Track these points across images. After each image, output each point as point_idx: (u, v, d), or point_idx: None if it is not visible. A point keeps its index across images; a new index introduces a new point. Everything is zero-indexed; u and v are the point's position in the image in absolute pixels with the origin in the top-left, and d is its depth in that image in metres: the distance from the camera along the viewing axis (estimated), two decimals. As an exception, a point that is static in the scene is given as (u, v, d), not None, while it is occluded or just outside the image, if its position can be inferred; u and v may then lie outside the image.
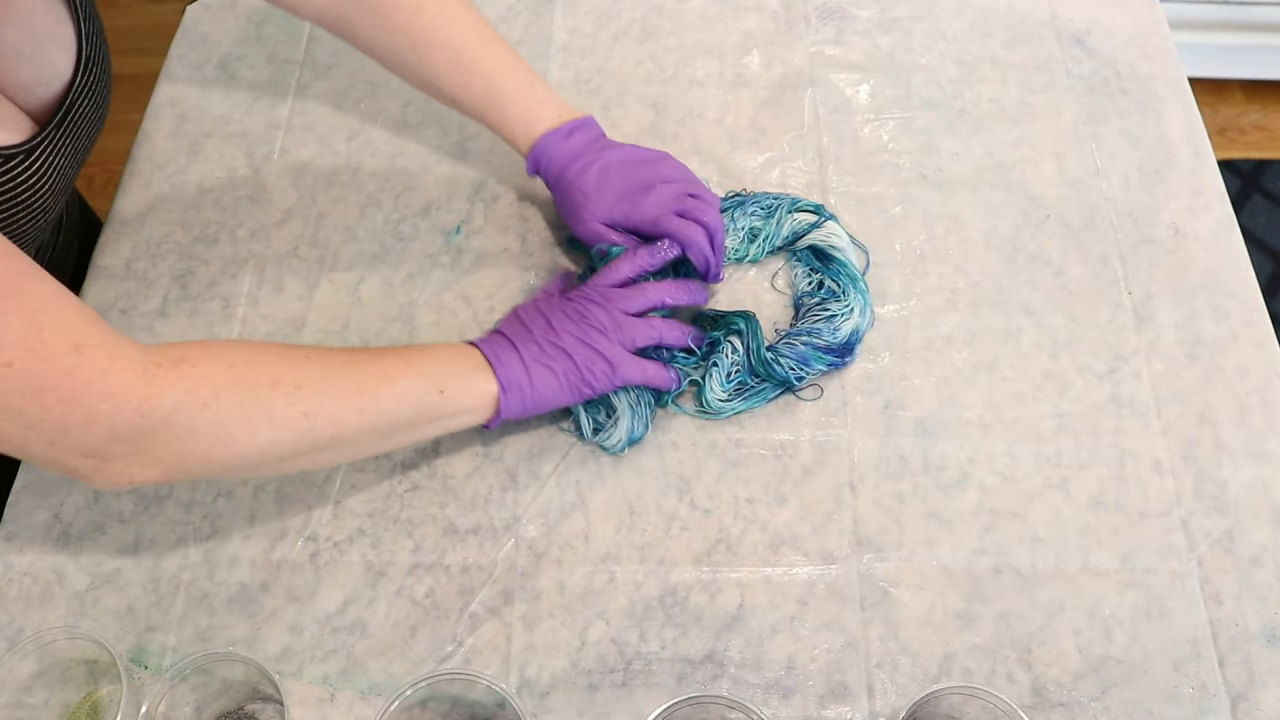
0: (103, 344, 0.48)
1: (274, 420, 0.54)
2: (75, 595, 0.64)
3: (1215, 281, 0.74)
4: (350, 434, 0.57)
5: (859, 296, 0.71)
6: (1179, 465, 0.67)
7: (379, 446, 0.61)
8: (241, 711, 0.61)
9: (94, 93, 0.65)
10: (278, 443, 0.54)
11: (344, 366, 0.57)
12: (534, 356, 0.62)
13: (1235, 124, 1.82)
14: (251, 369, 0.54)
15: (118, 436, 0.49)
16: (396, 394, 0.58)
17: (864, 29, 0.87)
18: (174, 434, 0.50)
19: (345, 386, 0.57)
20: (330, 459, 0.59)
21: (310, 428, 0.55)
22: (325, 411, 0.55)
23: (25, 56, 0.60)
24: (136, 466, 0.51)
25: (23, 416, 0.46)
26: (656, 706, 0.56)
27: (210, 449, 0.52)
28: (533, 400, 0.62)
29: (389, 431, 0.59)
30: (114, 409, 0.48)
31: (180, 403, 0.50)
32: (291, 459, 0.56)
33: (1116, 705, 0.60)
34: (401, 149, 0.81)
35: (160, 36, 0.69)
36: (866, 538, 0.65)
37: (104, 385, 0.48)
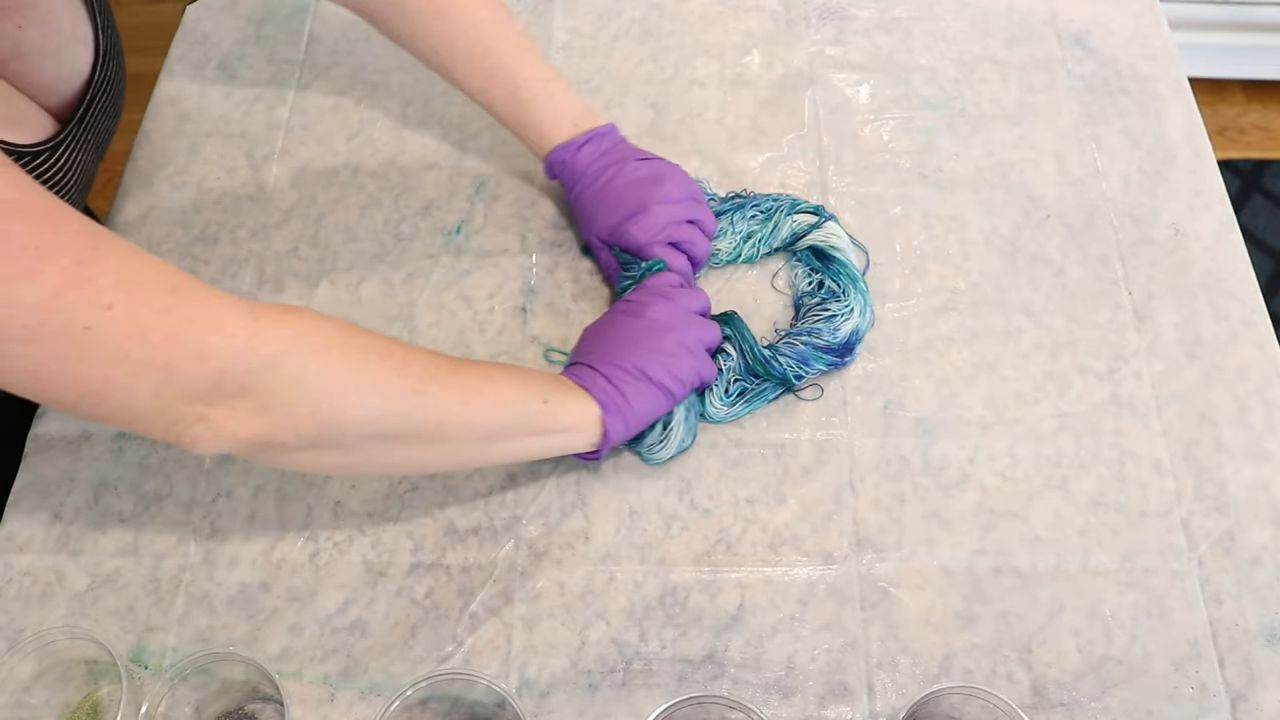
0: (198, 287, 0.46)
1: (385, 387, 0.51)
2: (75, 595, 0.64)
3: (1215, 281, 0.74)
4: (454, 427, 0.54)
5: (859, 297, 0.71)
6: (1179, 465, 0.67)
7: (476, 454, 0.58)
8: (241, 711, 0.61)
9: (111, 87, 0.66)
10: (386, 414, 0.52)
11: (446, 360, 0.56)
12: (619, 374, 0.61)
13: (1235, 124, 1.82)
14: (361, 335, 0.52)
15: (227, 373, 0.46)
16: (500, 394, 0.56)
17: (864, 29, 0.87)
18: (284, 376, 0.48)
19: (450, 377, 0.55)
20: (426, 458, 0.56)
21: (419, 406, 0.52)
22: (434, 393, 0.53)
23: (48, 56, 0.61)
24: (243, 414, 0.48)
25: (129, 360, 0.44)
26: (656, 706, 0.56)
27: (319, 403, 0.49)
28: (634, 416, 0.61)
29: (490, 435, 0.57)
30: (222, 341, 0.46)
31: (289, 345, 0.48)
32: (394, 442, 0.53)
33: (1116, 705, 0.60)
34: (401, 149, 0.81)
35: (160, 36, 0.69)
36: (866, 538, 0.65)
37: (209, 319, 0.46)
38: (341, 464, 0.54)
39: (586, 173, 0.70)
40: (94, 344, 0.42)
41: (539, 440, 0.59)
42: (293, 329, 0.48)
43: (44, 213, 0.42)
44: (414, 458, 0.55)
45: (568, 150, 0.70)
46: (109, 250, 0.44)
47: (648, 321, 0.64)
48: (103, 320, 0.42)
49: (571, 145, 0.70)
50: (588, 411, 0.60)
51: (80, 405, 0.45)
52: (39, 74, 0.61)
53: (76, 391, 0.44)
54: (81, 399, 0.44)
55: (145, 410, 0.46)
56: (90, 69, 0.63)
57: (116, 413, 0.46)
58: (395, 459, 0.55)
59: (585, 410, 0.59)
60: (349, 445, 0.52)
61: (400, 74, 0.85)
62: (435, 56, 0.69)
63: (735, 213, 0.74)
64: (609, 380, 0.61)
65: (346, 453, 0.53)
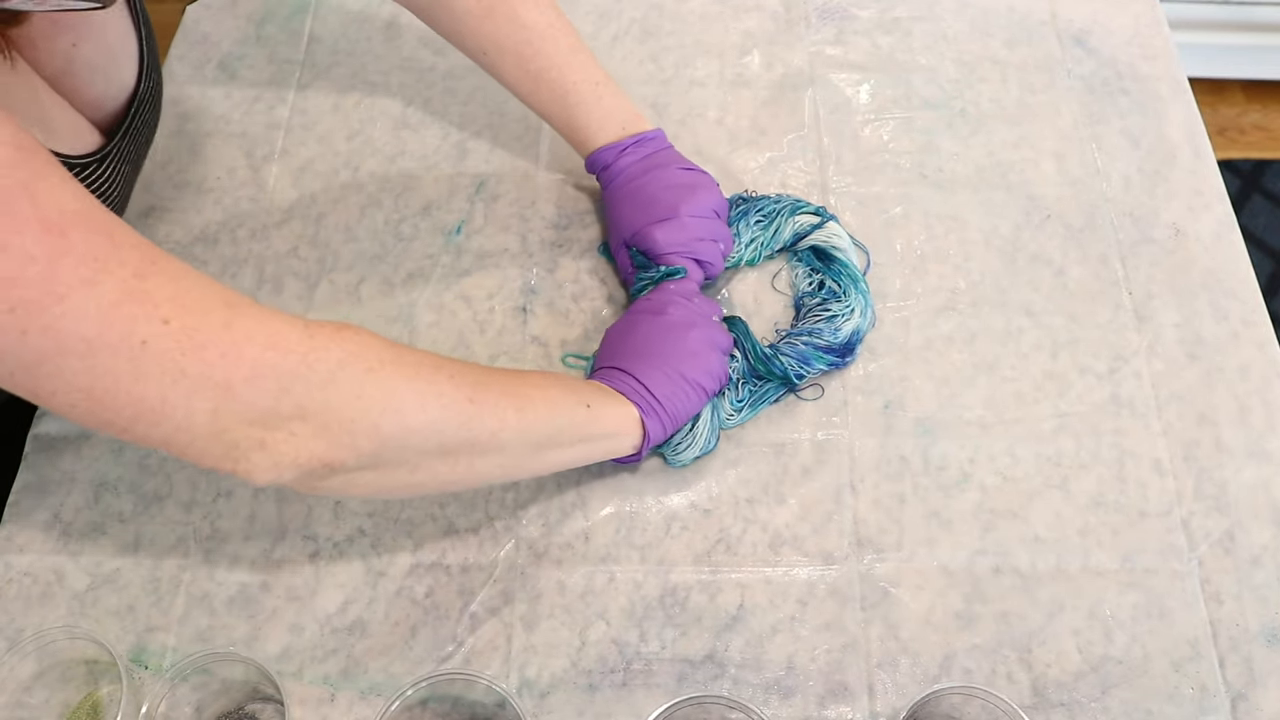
0: (252, 303, 0.46)
1: (441, 398, 0.51)
2: (75, 595, 0.64)
3: (1215, 281, 0.74)
4: (509, 435, 0.54)
5: (860, 297, 0.71)
6: (1179, 465, 0.67)
7: (529, 463, 0.58)
8: (241, 711, 0.61)
9: (153, 99, 0.66)
10: (444, 426, 0.51)
11: (492, 370, 0.56)
12: (652, 374, 0.62)
13: (1235, 124, 1.82)
14: (411, 351, 0.52)
15: (285, 391, 0.45)
16: (547, 401, 0.57)
17: (864, 29, 0.87)
18: (342, 392, 0.47)
19: (500, 385, 0.55)
20: (484, 469, 0.55)
21: (475, 415, 0.52)
22: (488, 402, 0.53)
23: (98, 71, 0.61)
24: (303, 438, 0.46)
25: (186, 376, 0.42)
26: (656, 706, 0.56)
27: (379, 417, 0.48)
28: (670, 416, 0.62)
29: (541, 443, 0.57)
30: (279, 358, 0.45)
31: (345, 360, 0.47)
32: (453, 455, 0.53)
33: (1116, 705, 0.60)
34: (401, 149, 0.81)
35: (160, 36, 0.69)
36: (866, 538, 0.65)
37: (265, 335, 0.45)
38: (406, 483, 0.53)
39: (624, 172, 0.70)
40: (150, 359, 0.42)
41: (585, 447, 0.59)
42: (347, 346, 0.48)
43: (102, 225, 0.41)
44: (473, 470, 0.55)
45: (610, 152, 0.70)
46: (164, 265, 0.43)
47: (671, 321, 0.64)
48: (160, 334, 0.42)
49: (615, 147, 0.70)
50: (627, 415, 0.60)
51: (136, 426, 0.44)
52: (90, 89, 0.61)
53: (132, 411, 0.43)
54: (137, 419, 0.43)
55: (201, 433, 0.45)
56: (135, 83, 0.64)
57: (173, 435, 0.44)
58: (456, 473, 0.54)
59: (625, 414, 0.60)
60: (411, 462, 0.51)
61: (400, 74, 0.85)
62: (483, 56, 0.69)
63: (740, 221, 0.74)
64: (641, 382, 0.61)
65: (411, 470, 0.52)
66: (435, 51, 0.86)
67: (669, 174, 0.70)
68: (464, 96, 0.84)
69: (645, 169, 0.70)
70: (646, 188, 0.70)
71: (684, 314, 0.65)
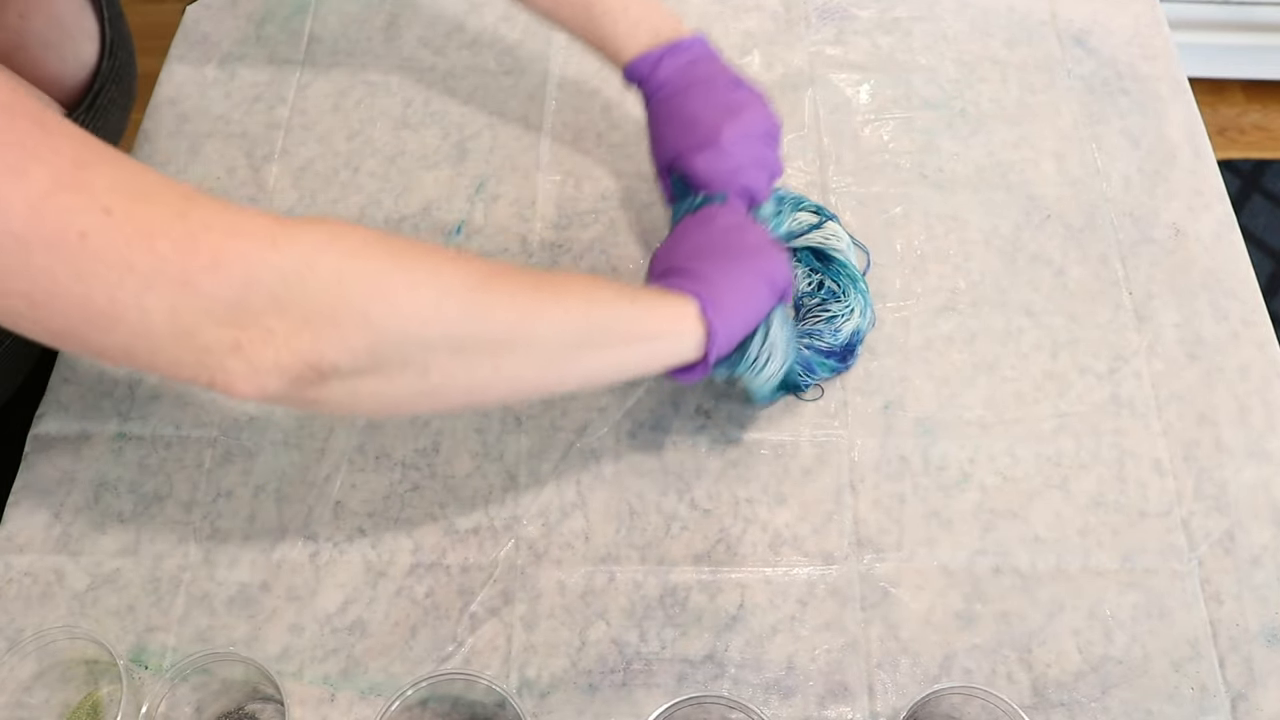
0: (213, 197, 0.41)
1: (440, 279, 0.45)
2: (75, 595, 0.64)
3: (1215, 281, 0.74)
4: (533, 330, 0.47)
5: (859, 297, 0.71)
6: (1179, 465, 0.67)
7: (566, 367, 0.50)
8: (241, 711, 0.61)
9: (119, 78, 0.66)
10: (445, 310, 0.45)
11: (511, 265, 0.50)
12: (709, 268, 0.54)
13: (1235, 124, 1.82)
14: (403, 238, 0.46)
15: (253, 281, 0.40)
16: (582, 294, 0.50)
17: (864, 29, 0.87)
18: (320, 278, 0.41)
19: (518, 275, 0.48)
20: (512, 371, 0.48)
21: (486, 304, 0.46)
22: (503, 290, 0.46)
23: (52, 47, 0.61)
24: (282, 333, 0.41)
25: (135, 272, 0.38)
26: (656, 706, 0.56)
27: (367, 302, 0.42)
28: (737, 313, 0.54)
29: (578, 341, 0.49)
30: (243, 245, 0.40)
31: (322, 244, 0.42)
32: (468, 351, 0.46)
33: (1116, 705, 0.60)
34: (401, 149, 0.81)
35: (160, 36, 0.69)
36: (866, 538, 0.65)
37: (226, 222, 0.40)
38: (419, 390, 0.46)
39: (665, 86, 0.64)
40: (91, 255, 0.37)
41: (637, 348, 0.52)
42: (322, 231, 0.42)
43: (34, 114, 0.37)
44: (500, 373, 0.47)
45: (645, 63, 0.64)
46: (109, 155, 0.39)
47: (724, 223, 0.59)
48: (101, 226, 0.37)
49: (649, 58, 0.64)
50: (685, 311, 0.53)
51: (89, 334, 0.39)
52: (45, 65, 0.61)
53: (81, 315, 0.38)
54: (89, 324, 0.38)
55: (164, 338, 0.40)
56: (96, 60, 0.63)
57: (132, 343, 0.39)
58: (478, 376, 0.47)
59: (682, 310, 0.53)
60: (418, 361, 0.45)
61: (400, 74, 0.85)
62: None
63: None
64: (699, 276, 0.54)
65: (421, 373, 0.45)
66: (435, 51, 0.86)
67: (712, 92, 0.64)
68: (464, 96, 0.84)
69: (686, 83, 0.64)
70: (687, 106, 0.63)
71: (736, 218, 0.59)
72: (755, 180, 0.64)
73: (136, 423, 0.70)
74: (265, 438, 0.69)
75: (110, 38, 0.64)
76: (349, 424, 0.69)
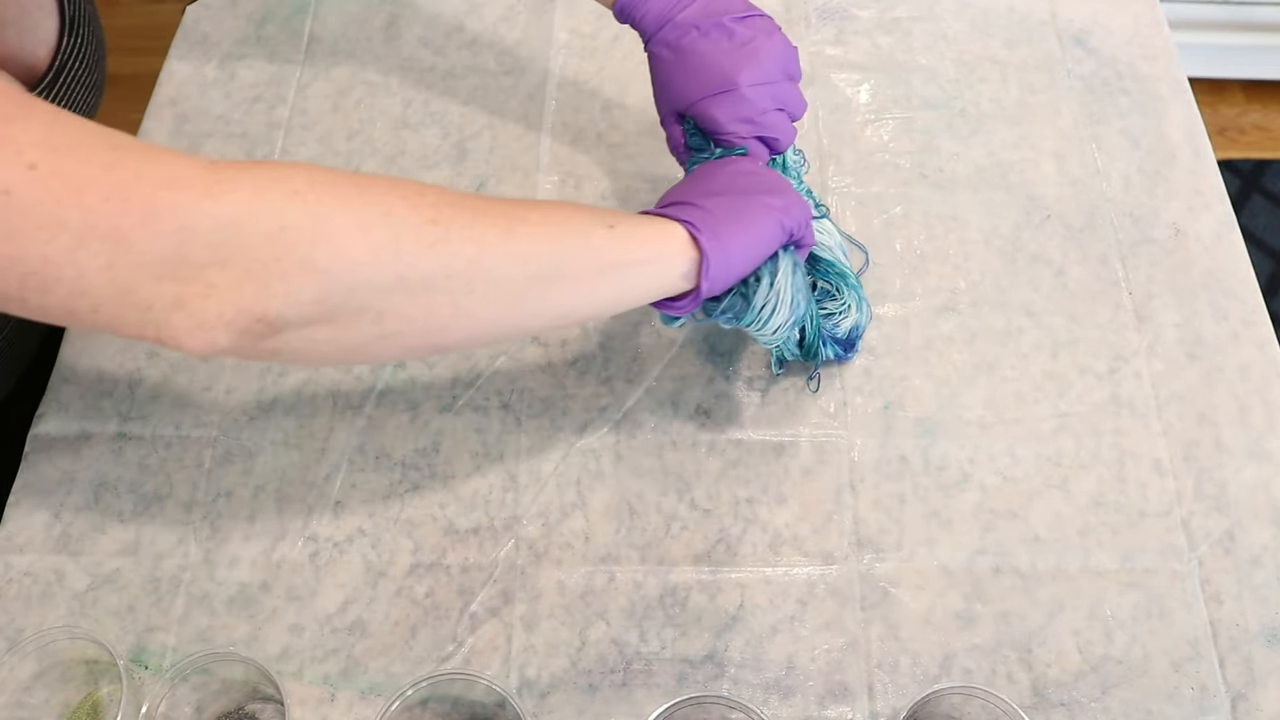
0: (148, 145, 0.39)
1: (391, 218, 0.42)
2: (75, 595, 0.64)
3: (1215, 281, 0.74)
4: (495, 262, 0.44)
5: (852, 292, 0.71)
6: (1179, 465, 0.67)
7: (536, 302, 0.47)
8: (241, 711, 0.61)
9: (83, 56, 0.65)
10: (400, 252, 0.42)
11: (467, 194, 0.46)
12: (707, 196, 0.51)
13: (1235, 124, 1.82)
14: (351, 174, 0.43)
15: (188, 231, 0.38)
16: (549, 221, 0.46)
17: (864, 29, 0.87)
18: (261, 226, 0.39)
19: (477, 205, 0.45)
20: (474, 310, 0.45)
21: (441, 237, 0.43)
22: (458, 222, 0.44)
23: (9, 24, 0.60)
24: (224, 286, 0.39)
25: (65, 228, 0.36)
26: (656, 706, 0.56)
27: (312, 248, 0.40)
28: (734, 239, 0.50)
29: (546, 273, 0.46)
30: (176, 195, 0.38)
31: (261, 189, 0.40)
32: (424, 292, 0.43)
33: (1116, 705, 0.60)
34: (401, 149, 0.81)
35: (160, 36, 0.69)
36: (866, 538, 0.65)
37: (159, 173, 0.38)
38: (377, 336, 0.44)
39: (666, 23, 0.59)
40: (17, 212, 0.36)
41: (615, 276, 0.48)
42: (262, 174, 0.40)
43: None
44: (460, 312, 0.45)
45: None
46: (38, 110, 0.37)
47: (739, 167, 0.56)
48: (25, 182, 0.36)
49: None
50: (671, 234, 0.49)
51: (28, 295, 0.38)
52: (3, 42, 0.60)
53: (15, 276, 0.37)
54: (24, 285, 0.37)
55: (103, 296, 0.38)
56: (56, 37, 0.63)
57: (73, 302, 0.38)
58: (437, 318, 0.44)
59: (667, 232, 0.49)
60: (373, 306, 0.42)
61: (400, 74, 0.85)
62: None
63: None
64: (695, 207, 0.51)
65: (376, 319, 0.43)
66: (435, 51, 0.86)
67: (721, 29, 0.59)
68: (464, 96, 0.84)
69: (691, 19, 0.59)
70: (697, 47, 0.58)
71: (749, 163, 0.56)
72: (778, 125, 0.60)
73: (136, 423, 0.70)
74: (265, 438, 0.69)
75: (71, 15, 0.64)
76: (349, 424, 0.69)
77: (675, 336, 0.72)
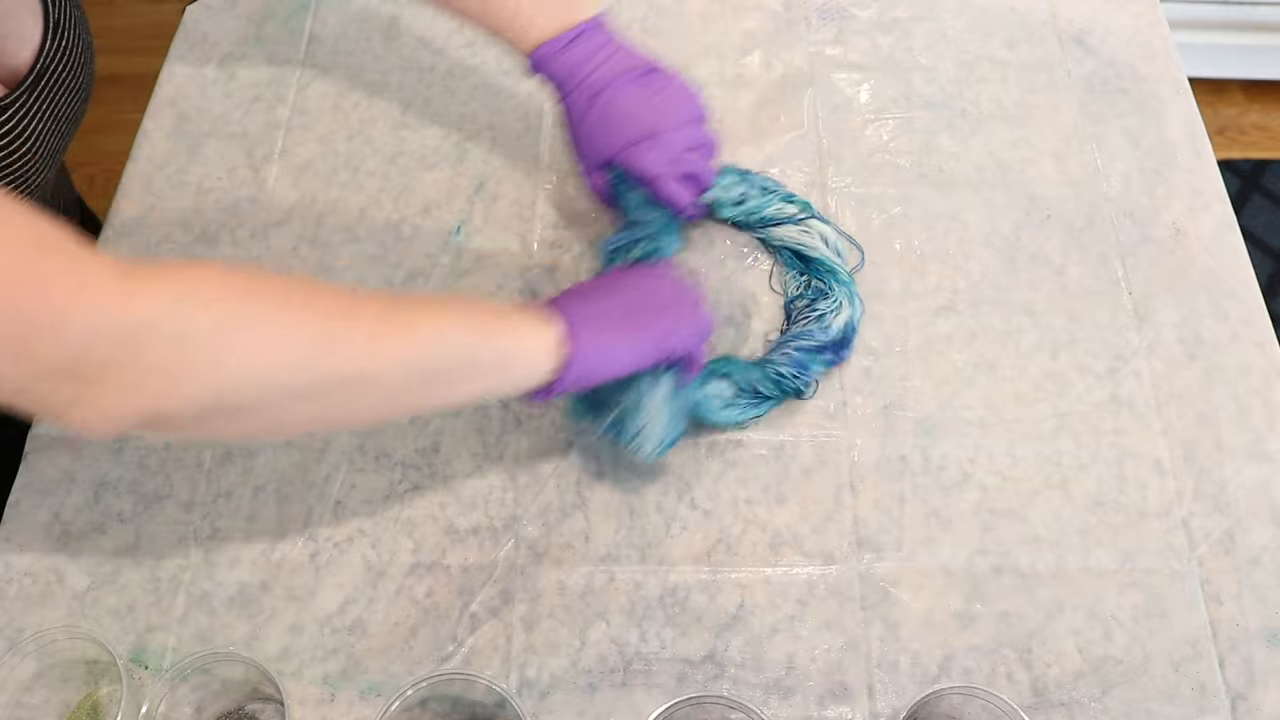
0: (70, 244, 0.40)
1: (284, 329, 0.45)
2: (75, 595, 0.64)
3: (1215, 281, 0.74)
4: (385, 368, 0.48)
5: (844, 288, 0.71)
6: (1179, 465, 0.67)
7: (418, 399, 0.52)
8: (241, 711, 0.61)
9: (68, 58, 0.65)
10: (293, 366, 0.45)
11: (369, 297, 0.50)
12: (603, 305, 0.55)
13: (1235, 124, 1.82)
14: (257, 281, 0.45)
15: (96, 336, 0.39)
16: (434, 325, 0.50)
17: (864, 29, 0.87)
18: (162, 335, 0.41)
19: (372, 315, 0.48)
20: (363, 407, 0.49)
21: (330, 346, 0.46)
22: (354, 335, 0.47)
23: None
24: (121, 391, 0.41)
25: None
26: (656, 706, 0.56)
27: (210, 365, 0.43)
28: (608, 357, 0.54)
29: (428, 377, 0.50)
30: (85, 303, 0.39)
31: (173, 300, 0.41)
32: (318, 395, 0.46)
33: (1116, 705, 0.60)
34: (401, 149, 0.81)
35: (160, 36, 0.69)
36: (866, 538, 0.65)
37: (71, 280, 0.39)
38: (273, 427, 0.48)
39: (583, 81, 0.64)
40: None
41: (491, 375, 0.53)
42: (176, 283, 0.42)
43: None
44: (351, 409, 0.49)
45: (555, 46, 0.63)
46: None
47: (641, 275, 0.60)
48: None
49: (558, 42, 0.63)
50: (545, 336, 0.53)
51: None
52: None
53: None
54: None
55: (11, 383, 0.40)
56: (41, 38, 0.63)
57: None
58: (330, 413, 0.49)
59: (539, 337, 0.53)
60: (268, 407, 0.45)
61: (400, 74, 0.85)
62: None
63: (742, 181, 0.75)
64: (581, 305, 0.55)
65: (273, 414, 0.46)
66: (435, 51, 0.86)
67: (634, 84, 0.64)
68: (464, 96, 0.84)
69: (606, 78, 0.64)
70: (615, 102, 0.64)
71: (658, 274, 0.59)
72: (697, 163, 0.66)
73: (136, 423, 0.70)
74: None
75: (56, 18, 0.64)
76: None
77: (675, 336, 0.72)
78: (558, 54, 0.64)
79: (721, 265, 0.75)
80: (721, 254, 0.76)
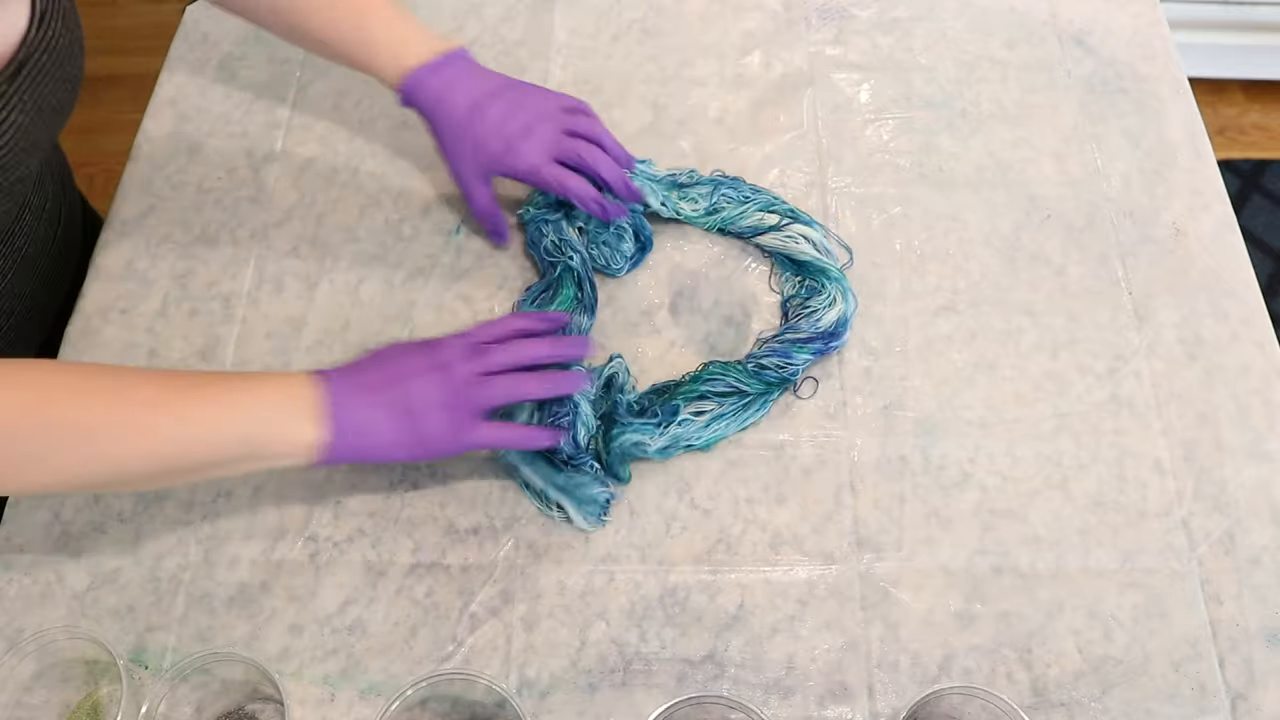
0: None
1: (46, 464, 0.52)
2: (75, 595, 0.64)
3: (1215, 281, 0.74)
4: (134, 478, 0.55)
5: (835, 284, 0.71)
6: (1179, 465, 0.67)
7: (174, 480, 0.61)
8: (241, 711, 0.61)
9: (54, 48, 0.64)
10: (48, 485, 0.53)
11: (140, 406, 0.54)
12: (375, 401, 0.58)
13: (1235, 124, 1.82)
14: (25, 413, 0.51)
15: None
16: (189, 440, 0.55)
17: (864, 29, 0.87)
18: None
19: (131, 427, 0.53)
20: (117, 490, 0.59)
21: (84, 472, 0.53)
22: (103, 456, 0.53)
23: None
24: None
25: None
26: (656, 706, 0.56)
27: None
28: (359, 450, 0.58)
29: (181, 473, 0.56)
30: None
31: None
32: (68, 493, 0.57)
33: (1116, 705, 0.60)
34: (401, 149, 0.81)
35: (160, 36, 0.69)
36: (866, 538, 0.65)
37: None
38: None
39: (454, 100, 0.68)
40: None
41: (241, 466, 0.57)
42: None
43: None
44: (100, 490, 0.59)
45: (425, 71, 0.68)
46: None
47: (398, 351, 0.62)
48: None
49: (429, 66, 0.68)
50: (302, 437, 0.56)
51: None
52: None
53: None
54: None
55: None
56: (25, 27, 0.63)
57: None
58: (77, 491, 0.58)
59: (299, 436, 0.56)
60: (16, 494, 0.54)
61: (400, 74, 0.85)
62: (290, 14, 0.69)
63: (713, 190, 0.75)
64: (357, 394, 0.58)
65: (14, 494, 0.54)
66: (435, 51, 0.86)
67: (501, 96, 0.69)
68: (464, 96, 0.84)
69: (476, 97, 0.69)
70: (487, 112, 0.68)
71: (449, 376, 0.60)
72: (575, 148, 0.69)
73: (136, 423, 0.70)
74: (265, 438, 0.69)
75: (43, 8, 0.64)
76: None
77: (674, 337, 0.72)
78: (429, 78, 0.68)
79: (721, 265, 0.75)
80: (721, 254, 0.76)
